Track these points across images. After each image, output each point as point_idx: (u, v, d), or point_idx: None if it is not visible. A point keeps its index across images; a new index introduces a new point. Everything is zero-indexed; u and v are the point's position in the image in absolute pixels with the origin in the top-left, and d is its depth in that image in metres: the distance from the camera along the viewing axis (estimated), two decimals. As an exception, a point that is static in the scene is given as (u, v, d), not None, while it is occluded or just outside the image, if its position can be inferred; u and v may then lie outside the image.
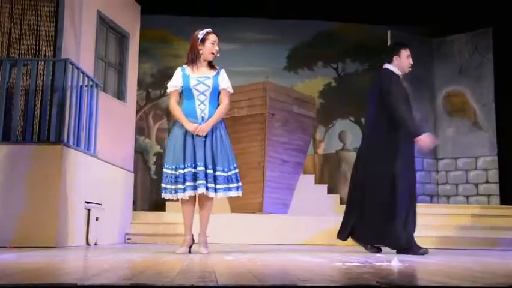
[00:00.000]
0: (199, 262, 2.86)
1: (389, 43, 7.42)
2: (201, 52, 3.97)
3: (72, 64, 5.17)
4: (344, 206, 8.28)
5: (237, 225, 6.77)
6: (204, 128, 3.79)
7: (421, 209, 6.78)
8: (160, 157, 8.55)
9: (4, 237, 4.59)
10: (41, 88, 5.34)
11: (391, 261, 2.93)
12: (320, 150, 8.82)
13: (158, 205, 8.00)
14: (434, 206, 7.18)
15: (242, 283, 1.83)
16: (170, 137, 3.94)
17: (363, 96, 8.87)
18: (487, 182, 7.51)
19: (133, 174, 6.93)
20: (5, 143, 4.90)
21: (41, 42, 5.68)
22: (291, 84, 8.53)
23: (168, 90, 4.03)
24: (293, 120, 7.36)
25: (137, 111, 8.01)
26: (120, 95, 6.69)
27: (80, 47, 5.72)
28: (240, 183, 3.89)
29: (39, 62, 5.39)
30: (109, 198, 5.90)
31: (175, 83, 3.96)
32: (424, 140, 4.28)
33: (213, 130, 3.83)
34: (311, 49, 8.95)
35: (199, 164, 3.74)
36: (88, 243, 5.31)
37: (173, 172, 3.78)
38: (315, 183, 8.14)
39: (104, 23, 6.34)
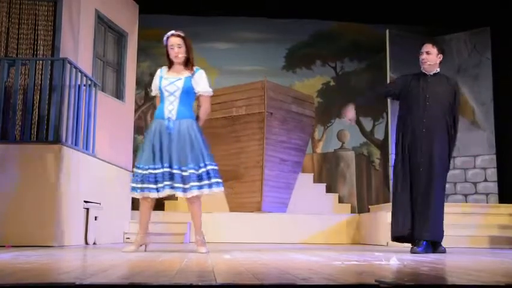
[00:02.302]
0: (198, 261, 2.87)
1: (387, 42, 7.42)
2: (170, 55, 4.01)
3: (70, 63, 5.17)
4: (342, 205, 8.31)
5: (235, 224, 6.77)
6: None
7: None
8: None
9: (2, 236, 4.58)
10: (39, 88, 5.34)
11: (390, 259, 2.93)
12: (319, 149, 8.83)
13: (157, 204, 7.99)
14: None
15: (241, 282, 1.83)
16: (144, 137, 3.99)
17: (362, 95, 8.89)
18: (485, 180, 7.51)
19: (131, 174, 6.93)
20: (3, 142, 4.90)
21: (39, 41, 5.68)
22: (289, 83, 8.53)
23: (151, 94, 4.15)
24: (291, 119, 7.36)
25: (136, 111, 8.01)
26: (118, 94, 6.68)
27: (79, 47, 5.72)
28: (217, 180, 3.84)
29: (38, 62, 5.38)
30: (108, 198, 5.90)
31: (154, 85, 4.03)
32: None
33: (180, 131, 3.80)
34: (309, 48, 8.96)
35: (165, 165, 3.76)
36: (86, 243, 5.31)
37: (142, 171, 3.78)
38: (314, 182, 8.15)
39: (103, 22, 6.33)
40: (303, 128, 7.55)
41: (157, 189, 3.77)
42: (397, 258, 3.00)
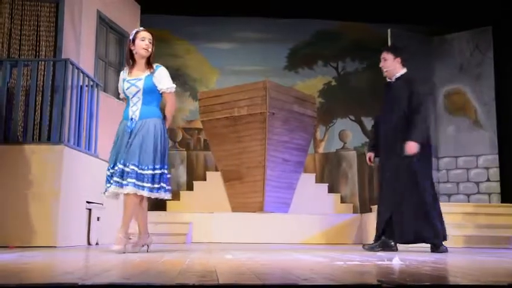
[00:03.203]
0: (200, 261, 2.87)
1: (389, 42, 7.42)
2: (134, 52, 3.92)
3: (72, 64, 5.17)
4: (344, 205, 8.31)
5: (237, 224, 6.77)
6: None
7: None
8: (161, 157, 8.55)
9: (6, 237, 4.59)
10: (41, 88, 5.35)
11: (392, 259, 2.93)
12: (321, 149, 8.83)
13: (159, 204, 8.01)
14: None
15: (243, 282, 1.84)
16: (116, 135, 3.97)
17: (364, 95, 8.90)
18: (488, 180, 7.50)
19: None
20: (6, 143, 4.91)
21: (41, 42, 5.69)
22: (291, 84, 8.53)
23: (120, 97, 4.15)
24: (293, 119, 7.36)
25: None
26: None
27: (80, 47, 5.73)
28: (163, 185, 3.78)
29: (40, 62, 5.39)
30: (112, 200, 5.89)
31: (120, 88, 4.02)
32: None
33: (139, 129, 3.76)
34: (311, 48, 8.96)
35: (118, 163, 3.74)
36: (89, 243, 5.32)
37: (107, 172, 3.83)
38: (316, 182, 8.14)
39: (104, 23, 6.34)
40: (305, 128, 7.55)
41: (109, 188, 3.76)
42: (399, 258, 3.00)
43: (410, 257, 3.51)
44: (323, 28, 8.91)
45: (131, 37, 3.95)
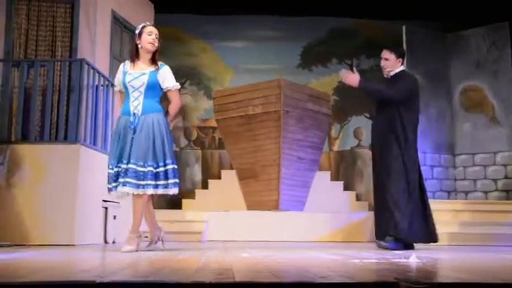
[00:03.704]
0: (216, 259, 2.87)
1: (404, 38, 7.35)
2: (140, 46, 3.87)
3: (88, 64, 5.22)
4: (360, 203, 8.26)
5: (253, 223, 6.77)
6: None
7: (439, 205, 6.74)
8: (176, 155, 8.57)
9: (24, 235, 4.65)
10: (57, 88, 5.41)
11: (409, 257, 2.91)
12: (335, 147, 8.79)
13: (175, 203, 8.05)
14: (452, 202, 7.11)
15: (259, 280, 1.83)
16: (116, 130, 3.89)
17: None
18: (505, 177, 7.40)
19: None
20: (23, 142, 4.97)
21: (57, 43, 5.74)
22: (305, 82, 8.50)
23: (115, 89, 4.07)
24: (308, 118, 7.34)
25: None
26: (135, 94, 6.72)
27: (96, 47, 5.77)
28: (175, 180, 3.76)
29: (56, 63, 5.45)
30: (128, 198, 5.94)
31: (117, 81, 3.94)
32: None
33: (143, 125, 3.72)
34: (325, 46, 8.92)
35: (124, 161, 3.68)
36: (106, 241, 5.36)
37: (110, 171, 3.77)
38: (331, 180, 8.11)
39: (119, 23, 6.38)
40: (319, 125, 7.52)
41: (115, 187, 3.71)
42: (416, 256, 2.98)
43: (427, 254, 3.48)
44: (337, 26, 8.87)
45: (137, 31, 3.91)
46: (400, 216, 4.30)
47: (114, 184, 3.74)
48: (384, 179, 4.46)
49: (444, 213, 6.50)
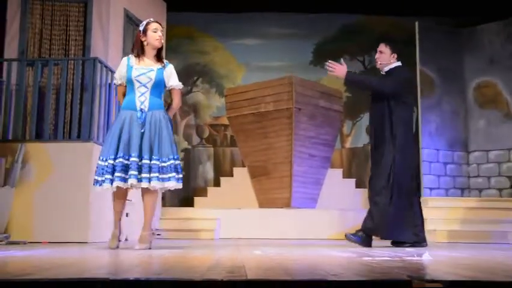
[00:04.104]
0: (229, 257, 2.88)
1: (416, 35, 7.29)
2: (145, 43, 3.86)
3: (101, 63, 5.26)
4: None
5: (265, 220, 6.78)
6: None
7: (452, 202, 6.69)
8: (188, 153, 8.62)
9: (38, 233, 4.70)
10: (71, 87, 5.46)
11: (422, 255, 2.89)
12: (348, 144, 8.75)
13: (187, 201, 8.08)
14: (465, 199, 7.05)
15: (272, 277, 1.84)
16: (109, 129, 3.86)
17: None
18: (520, 174, 7.33)
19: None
20: (37, 141, 5.02)
21: (70, 42, 5.80)
22: (317, 79, 8.47)
23: (114, 82, 3.99)
24: (320, 115, 7.32)
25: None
26: (148, 92, 6.75)
27: (108, 46, 5.81)
28: (180, 175, 3.75)
29: (69, 62, 5.50)
30: (139, 194, 5.97)
31: (120, 75, 3.88)
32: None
33: (151, 121, 3.73)
34: (337, 43, 8.87)
35: (133, 154, 3.63)
36: (118, 239, 5.39)
37: (103, 163, 3.67)
38: (343, 178, 8.08)
39: (131, 21, 6.41)
40: (331, 123, 7.50)
41: (125, 179, 3.62)
42: (429, 253, 2.96)
43: (440, 252, 3.45)
44: (348, 22, 8.81)
45: (141, 28, 3.90)
46: (377, 213, 4.26)
47: (108, 177, 3.62)
48: (372, 174, 4.45)
49: (457, 210, 6.45)
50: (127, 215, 5.52)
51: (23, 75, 5.36)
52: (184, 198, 8.24)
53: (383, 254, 3.15)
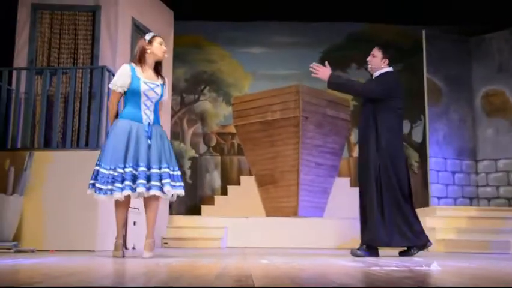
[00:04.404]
0: (236, 266, 2.87)
1: (424, 43, 7.29)
2: (149, 51, 3.86)
3: (109, 71, 5.29)
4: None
5: (272, 229, 6.76)
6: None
7: (461, 211, 6.64)
8: (195, 161, 8.63)
9: (46, 241, 4.72)
10: (79, 95, 5.49)
11: (430, 265, 2.87)
12: (355, 153, 8.73)
13: (194, 209, 8.08)
14: (474, 208, 7.00)
15: (279, 286, 1.83)
16: (110, 136, 3.76)
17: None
18: (529, 183, 7.27)
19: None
20: (46, 149, 5.05)
21: (78, 50, 5.84)
22: (324, 87, 8.46)
23: (113, 88, 3.83)
24: (327, 123, 7.31)
25: (172, 116, 8.12)
26: (155, 100, 6.78)
27: (116, 54, 5.85)
28: (182, 184, 3.82)
29: (78, 70, 5.54)
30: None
31: (123, 83, 3.80)
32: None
33: (156, 134, 3.78)
34: (344, 51, 8.88)
35: (141, 164, 3.64)
36: (126, 247, 5.40)
37: (111, 172, 3.63)
38: (351, 186, 8.06)
39: (139, 30, 6.46)
40: (338, 131, 7.49)
41: (133, 188, 3.62)
42: (438, 263, 2.94)
43: (448, 262, 3.43)
44: (355, 31, 8.83)
45: (148, 38, 3.90)
46: (370, 222, 4.23)
47: (118, 185, 3.61)
48: (360, 180, 4.40)
49: (465, 219, 6.41)
50: (134, 223, 5.53)
51: (32, 84, 5.41)
52: (191, 206, 8.25)
53: (390, 264, 3.13)
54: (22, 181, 4.76)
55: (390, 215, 4.22)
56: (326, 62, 4.56)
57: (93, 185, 3.69)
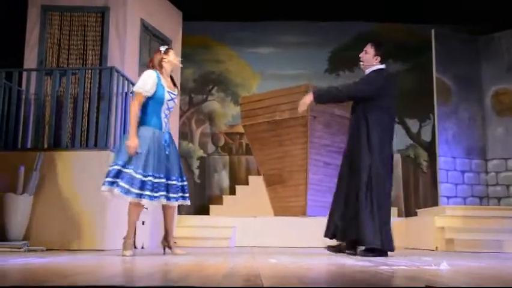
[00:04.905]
0: (244, 265, 2.88)
1: (433, 42, 7.25)
2: (166, 60, 4.00)
3: (117, 72, 5.31)
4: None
5: (280, 229, 6.76)
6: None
7: (470, 211, 6.60)
8: (204, 161, 8.64)
9: (55, 240, 4.75)
10: (88, 96, 5.52)
11: (439, 264, 2.86)
12: (363, 153, 8.69)
13: (203, 209, 8.10)
14: (484, 208, 6.95)
15: (287, 286, 1.83)
16: (141, 143, 3.78)
17: (407, 96, 8.74)
18: (539, 183, 7.21)
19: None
20: (55, 149, 5.08)
21: (88, 51, 5.88)
22: (332, 86, 8.45)
23: (139, 91, 3.86)
24: (335, 123, 7.30)
25: (180, 116, 8.14)
26: (164, 101, 6.80)
27: (125, 55, 5.88)
28: (187, 195, 4.07)
29: (87, 71, 5.57)
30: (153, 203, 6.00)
31: (150, 88, 3.87)
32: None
33: (170, 143, 3.95)
34: (352, 50, 8.83)
35: (161, 175, 3.85)
36: (135, 247, 5.42)
37: (141, 177, 3.73)
38: (359, 186, 8.02)
39: (148, 31, 6.48)
40: (346, 131, 7.47)
41: (152, 197, 3.78)
42: (447, 263, 2.92)
43: (458, 261, 3.41)
44: (364, 30, 8.80)
45: (163, 49, 4.06)
46: (366, 223, 4.17)
47: (148, 193, 3.75)
48: (351, 180, 4.33)
49: (475, 219, 6.36)
50: (143, 223, 5.56)
51: (41, 85, 5.45)
52: (200, 206, 8.27)
53: (399, 263, 3.12)
54: (32, 181, 4.80)
55: (381, 216, 4.19)
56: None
57: (112, 183, 3.74)
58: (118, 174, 3.74)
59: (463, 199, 7.26)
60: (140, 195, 3.72)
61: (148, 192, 3.75)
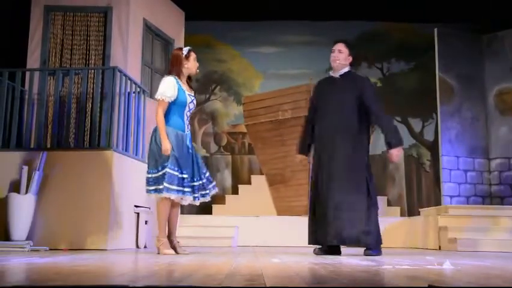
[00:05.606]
0: (247, 265, 2.88)
1: (436, 41, 7.24)
2: (186, 66, 4.09)
3: (120, 72, 5.32)
4: (391, 208, 8.15)
5: (283, 228, 6.76)
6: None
7: (473, 210, 6.59)
8: (206, 161, 8.65)
9: (60, 240, 4.76)
10: (91, 96, 5.53)
11: (442, 264, 2.85)
12: (366, 152, 8.69)
13: (206, 208, 8.10)
14: (487, 207, 6.94)
15: (290, 285, 1.83)
16: (171, 140, 3.93)
17: (410, 95, 8.72)
18: (545, 182, 7.20)
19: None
20: (58, 149, 5.09)
21: (90, 51, 5.89)
22: (335, 86, 8.44)
23: (162, 98, 3.95)
24: (338, 122, 7.29)
25: (183, 116, 8.14)
26: (166, 100, 6.81)
27: (128, 55, 5.88)
28: (214, 183, 4.21)
29: (89, 71, 5.58)
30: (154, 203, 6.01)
31: (172, 94, 3.99)
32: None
33: (190, 144, 4.09)
34: (355, 50, 8.80)
35: (189, 174, 3.99)
36: (137, 246, 5.43)
37: (178, 174, 3.90)
38: (362, 185, 8.01)
39: (150, 31, 6.49)
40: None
41: (190, 193, 3.98)
42: (450, 262, 2.92)
43: (461, 261, 3.41)
44: (366, 29, 8.79)
45: (184, 52, 4.11)
46: (368, 223, 4.18)
47: (183, 188, 3.93)
48: (348, 182, 4.28)
49: (478, 218, 6.35)
50: (146, 222, 5.56)
51: (44, 85, 5.46)
52: (202, 205, 8.26)
53: (402, 263, 3.12)
54: (35, 181, 4.81)
55: (376, 214, 4.29)
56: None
57: (155, 190, 3.99)
58: (158, 179, 3.94)
59: (466, 198, 7.25)
60: (183, 192, 3.92)
61: (184, 189, 3.92)
